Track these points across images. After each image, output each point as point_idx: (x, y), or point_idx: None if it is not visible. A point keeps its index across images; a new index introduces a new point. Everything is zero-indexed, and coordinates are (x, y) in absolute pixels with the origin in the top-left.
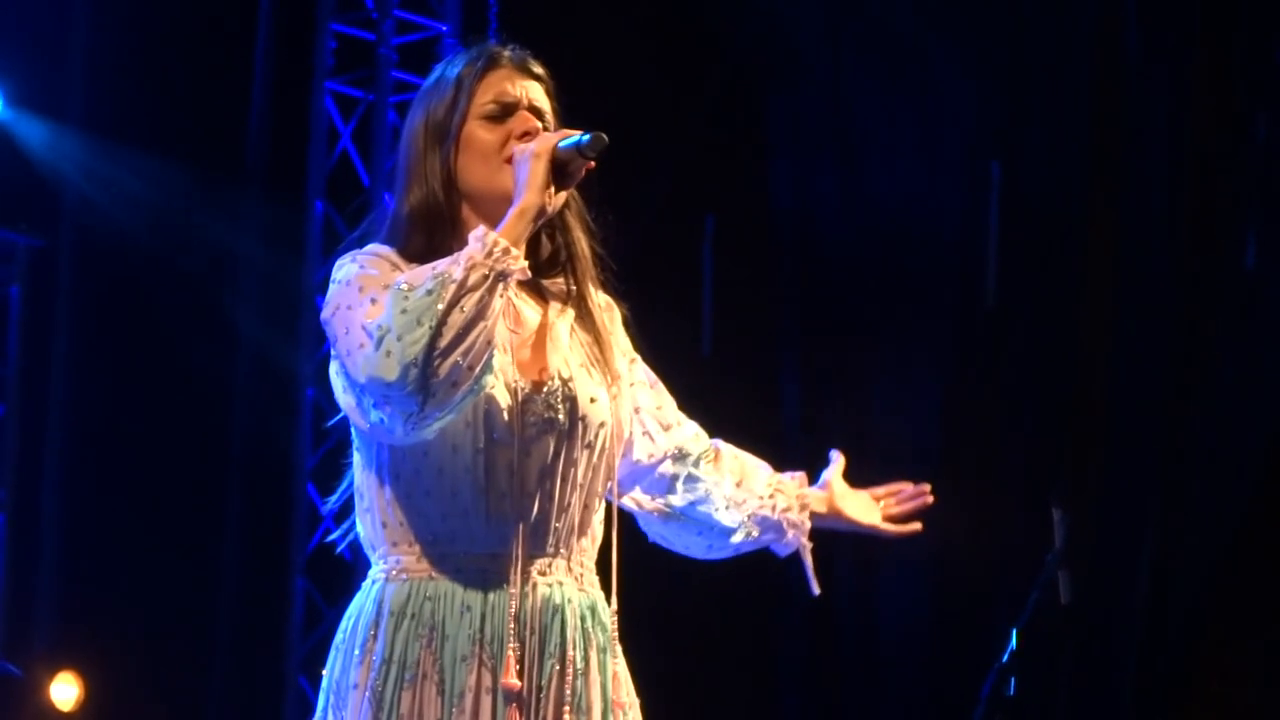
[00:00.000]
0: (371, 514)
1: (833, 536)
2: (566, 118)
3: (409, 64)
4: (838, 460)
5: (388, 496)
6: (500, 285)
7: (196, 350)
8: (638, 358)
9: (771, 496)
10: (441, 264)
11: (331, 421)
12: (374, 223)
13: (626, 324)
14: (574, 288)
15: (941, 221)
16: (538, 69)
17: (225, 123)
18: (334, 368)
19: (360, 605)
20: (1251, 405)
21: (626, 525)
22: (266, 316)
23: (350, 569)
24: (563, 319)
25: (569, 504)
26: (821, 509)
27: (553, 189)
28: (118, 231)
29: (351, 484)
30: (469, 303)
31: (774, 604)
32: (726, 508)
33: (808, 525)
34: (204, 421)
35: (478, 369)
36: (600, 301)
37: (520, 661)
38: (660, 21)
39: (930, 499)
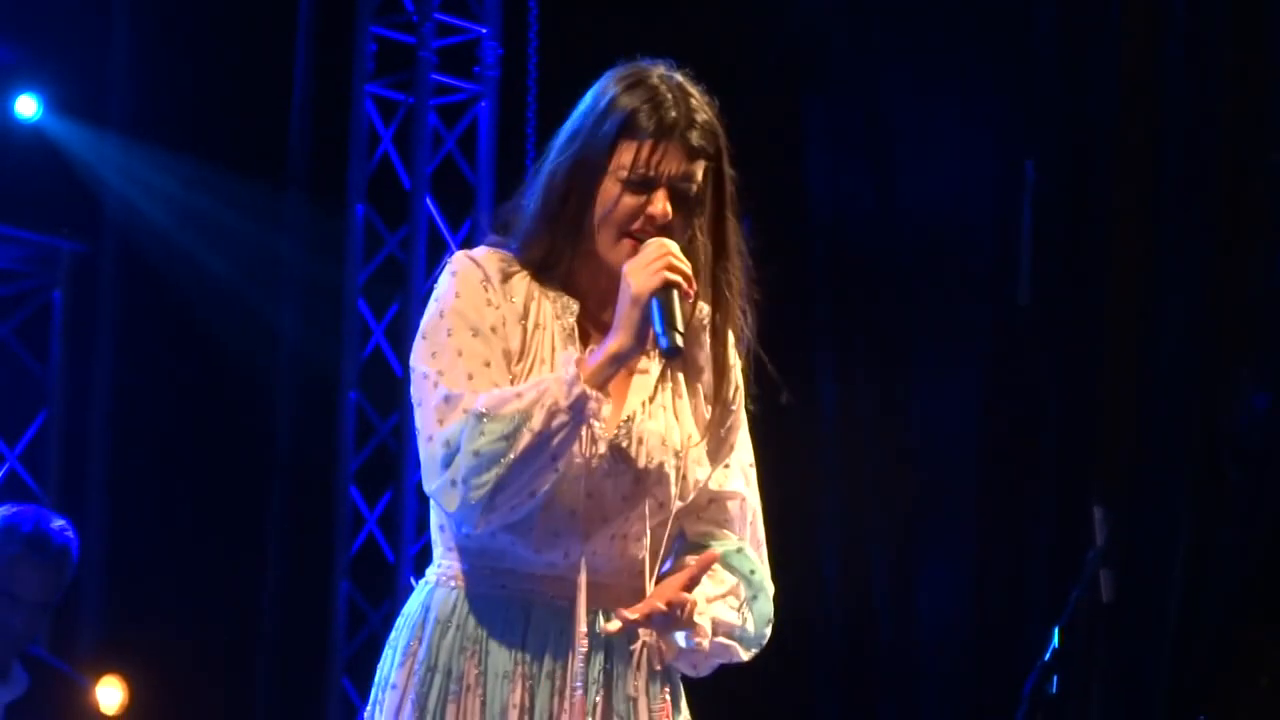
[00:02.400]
0: (434, 514)
1: (874, 530)
2: None
3: (449, 67)
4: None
5: None
6: (579, 428)
7: (239, 354)
8: (743, 423)
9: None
10: (527, 396)
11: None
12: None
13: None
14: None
15: (975, 220)
16: (699, 139)
17: (266, 126)
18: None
19: (410, 607)
20: None
21: None
22: (308, 320)
23: (393, 571)
24: (660, 359)
25: (628, 538)
26: None
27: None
28: (159, 236)
29: None
30: (544, 454)
31: (812, 599)
32: None
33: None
34: (247, 424)
35: (539, 494)
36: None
37: (563, 689)
38: (695, 25)
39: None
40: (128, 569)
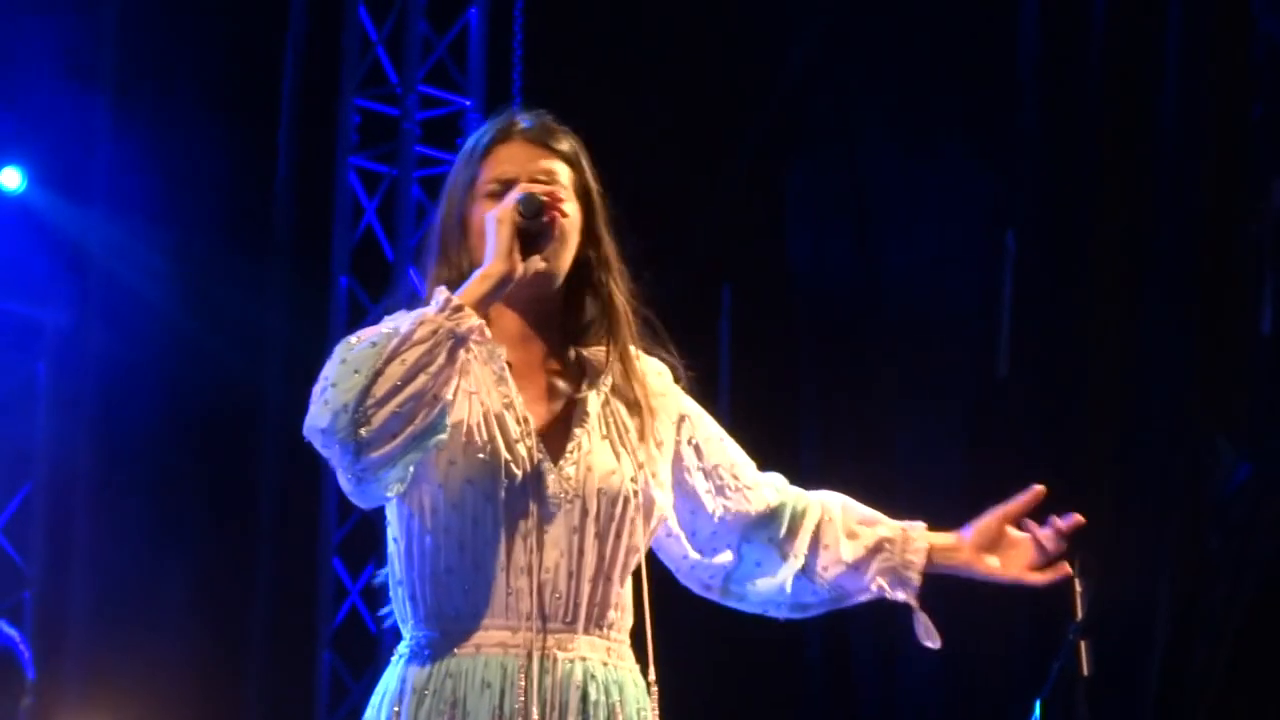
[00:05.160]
0: (402, 588)
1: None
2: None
3: (433, 139)
4: (1019, 501)
5: (414, 572)
6: (450, 343)
7: (223, 426)
8: (700, 414)
9: (863, 562)
10: (395, 319)
11: None
12: (399, 299)
13: (678, 379)
14: (613, 355)
15: (957, 290)
16: (555, 141)
17: (250, 198)
18: None
19: (386, 682)
20: (1268, 471)
21: (660, 594)
22: (292, 390)
23: (376, 642)
24: (596, 390)
25: (589, 578)
26: (952, 560)
27: (519, 254)
28: (143, 308)
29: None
30: (410, 355)
31: (796, 675)
32: (793, 581)
33: (915, 582)
34: (231, 496)
35: (418, 422)
36: (649, 367)
37: None
38: (679, 96)
39: (1081, 521)
40: (111, 641)
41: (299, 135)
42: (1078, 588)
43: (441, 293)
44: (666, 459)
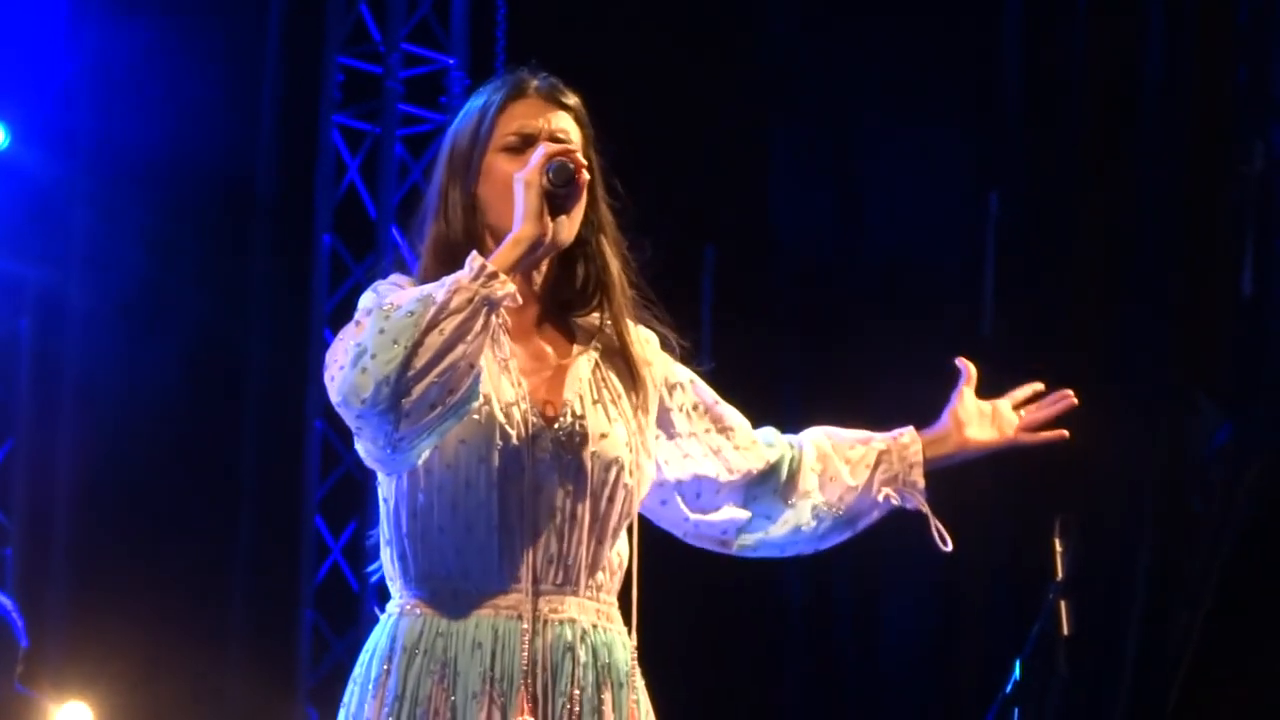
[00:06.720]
0: (391, 547)
1: (832, 560)
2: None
3: (416, 97)
4: (963, 380)
5: (404, 531)
6: (485, 310)
7: (205, 382)
8: (694, 379)
9: (868, 481)
10: (429, 287)
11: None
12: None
13: (668, 348)
14: (606, 321)
15: (940, 251)
16: (566, 98)
17: (233, 156)
18: None
19: (376, 640)
20: (1249, 433)
21: (645, 555)
22: (275, 348)
23: (358, 600)
24: (586, 354)
25: (581, 540)
26: (943, 450)
27: (549, 217)
28: (126, 265)
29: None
30: (449, 325)
31: (778, 632)
32: (812, 518)
33: (920, 484)
34: (213, 453)
35: (458, 392)
36: (637, 335)
37: (532, 700)
38: (664, 55)
39: (1073, 401)
40: (92, 597)
41: (282, 93)
42: (1058, 548)
43: (475, 258)
44: (653, 428)
